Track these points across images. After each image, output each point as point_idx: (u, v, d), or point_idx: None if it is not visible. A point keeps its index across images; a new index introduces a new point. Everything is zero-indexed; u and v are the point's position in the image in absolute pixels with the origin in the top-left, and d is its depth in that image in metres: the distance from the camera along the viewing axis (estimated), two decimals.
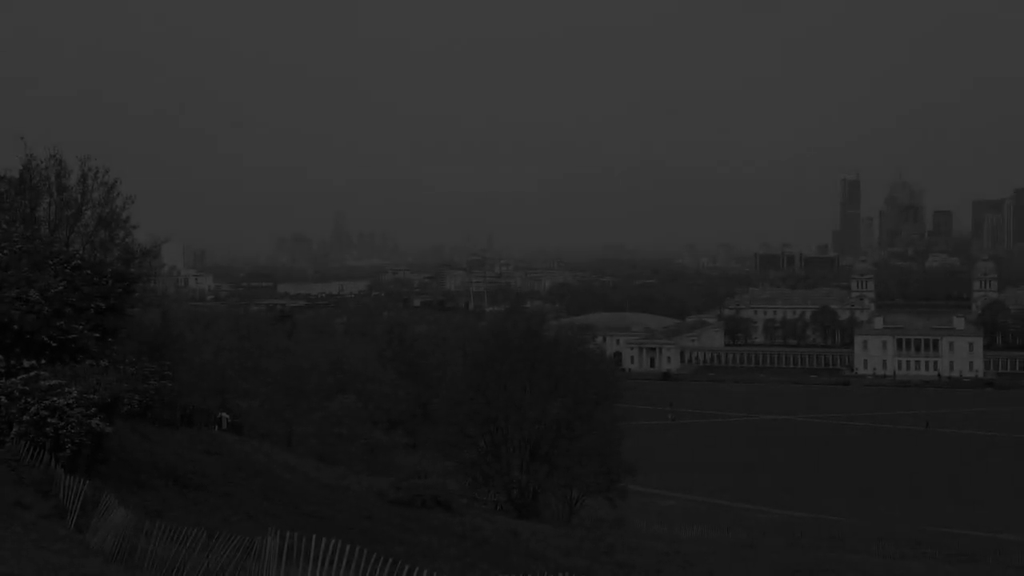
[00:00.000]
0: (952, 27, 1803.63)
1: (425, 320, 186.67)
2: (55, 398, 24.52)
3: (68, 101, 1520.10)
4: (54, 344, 27.69)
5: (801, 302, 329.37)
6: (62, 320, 28.06)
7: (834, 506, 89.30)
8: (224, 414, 48.29)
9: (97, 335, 28.94)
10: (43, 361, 26.72)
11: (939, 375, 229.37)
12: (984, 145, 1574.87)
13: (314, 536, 17.19)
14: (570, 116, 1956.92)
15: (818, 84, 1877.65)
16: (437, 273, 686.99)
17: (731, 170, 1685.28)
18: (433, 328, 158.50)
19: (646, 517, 64.38)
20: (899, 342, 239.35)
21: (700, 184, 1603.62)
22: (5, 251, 30.41)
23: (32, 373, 25.66)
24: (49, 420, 24.36)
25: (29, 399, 24.78)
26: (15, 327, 27.22)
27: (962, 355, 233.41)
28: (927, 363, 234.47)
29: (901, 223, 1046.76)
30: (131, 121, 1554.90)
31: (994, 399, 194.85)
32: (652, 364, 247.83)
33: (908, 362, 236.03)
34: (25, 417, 24.56)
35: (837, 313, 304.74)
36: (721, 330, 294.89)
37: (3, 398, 24.99)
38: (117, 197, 40.61)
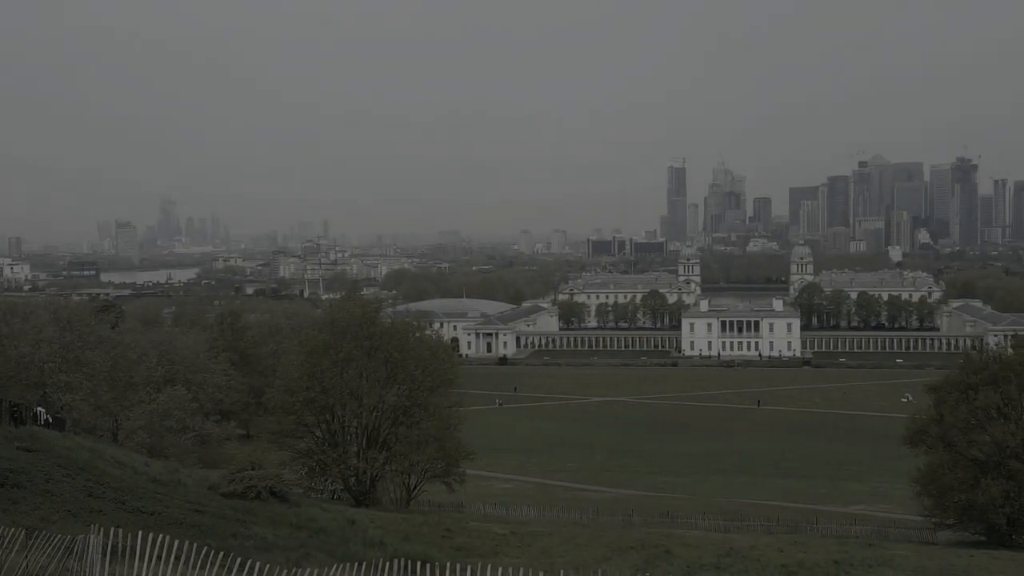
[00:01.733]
0: (770, 22, 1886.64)
1: (258, 308, 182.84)
2: None
3: None
4: None
5: (632, 286, 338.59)
6: None
7: (666, 484, 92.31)
8: (40, 408, 45.74)
9: None
10: None
11: (760, 355, 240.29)
12: (800, 134, 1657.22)
13: (140, 532, 16.55)
14: (425, 107, 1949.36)
15: (644, 75, 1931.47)
16: (271, 260, 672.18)
17: (565, 158, 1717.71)
18: (266, 316, 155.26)
19: (484, 501, 64.93)
20: (723, 324, 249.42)
21: (535, 171, 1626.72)
22: None
23: None
24: None
25: None
26: None
27: (781, 336, 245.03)
28: (749, 343, 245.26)
29: (724, 209, 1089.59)
30: None
31: (812, 377, 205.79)
32: (489, 349, 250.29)
33: (732, 343, 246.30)
34: None
35: (665, 297, 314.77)
36: (556, 315, 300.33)
37: None
38: None
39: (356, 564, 18.69)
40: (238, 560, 17.41)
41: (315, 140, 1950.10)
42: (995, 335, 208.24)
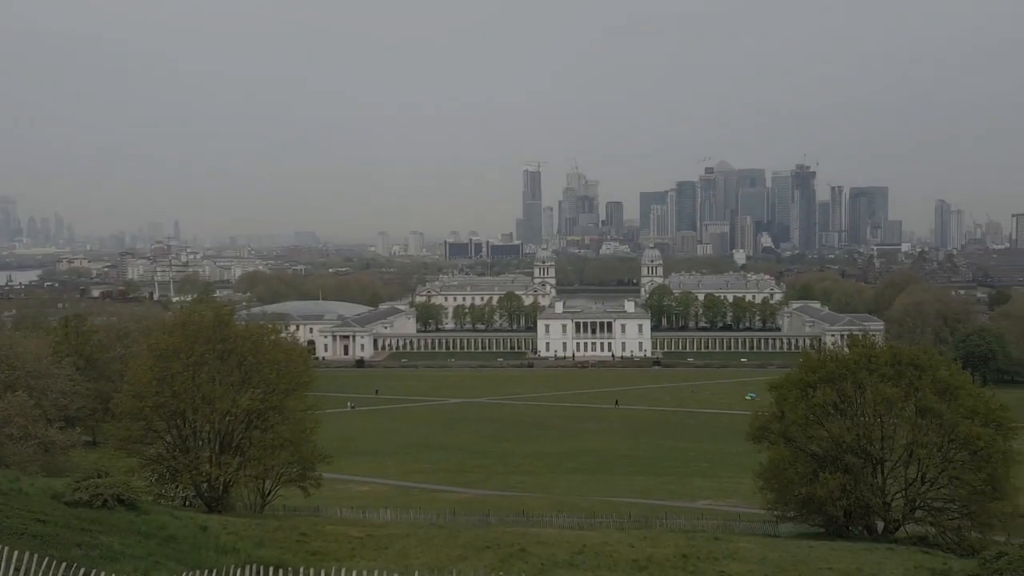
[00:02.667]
0: (625, 29, 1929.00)
1: (105, 311, 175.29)
2: None
3: None
4: None
5: (488, 288, 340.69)
6: None
7: (522, 483, 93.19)
8: None
9: None
10: None
11: (613, 356, 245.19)
12: (650, 140, 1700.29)
13: None
14: (281, 107, 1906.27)
15: (501, 78, 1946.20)
16: (118, 262, 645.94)
17: (423, 160, 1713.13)
18: (114, 319, 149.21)
19: (341, 504, 64.25)
20: (577, 325, 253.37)
21: (393, 174, 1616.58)
22: None
23: None
24: None
25: None
26: None
27: (633, 336, 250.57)
28: (602, 344, 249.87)
29: (578, 213, 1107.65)
30: None
31: (662, 376, 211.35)
32: (346, 352, 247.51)
33: (586, 344, 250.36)
34: None
35: (522, 298, 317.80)
36: (413, 317, 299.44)
37: None
38: None
39: (208, 571, 18.31)
40: (82, 571, 16.82)
41: (165, 140, 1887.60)
42: (832, 335, 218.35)
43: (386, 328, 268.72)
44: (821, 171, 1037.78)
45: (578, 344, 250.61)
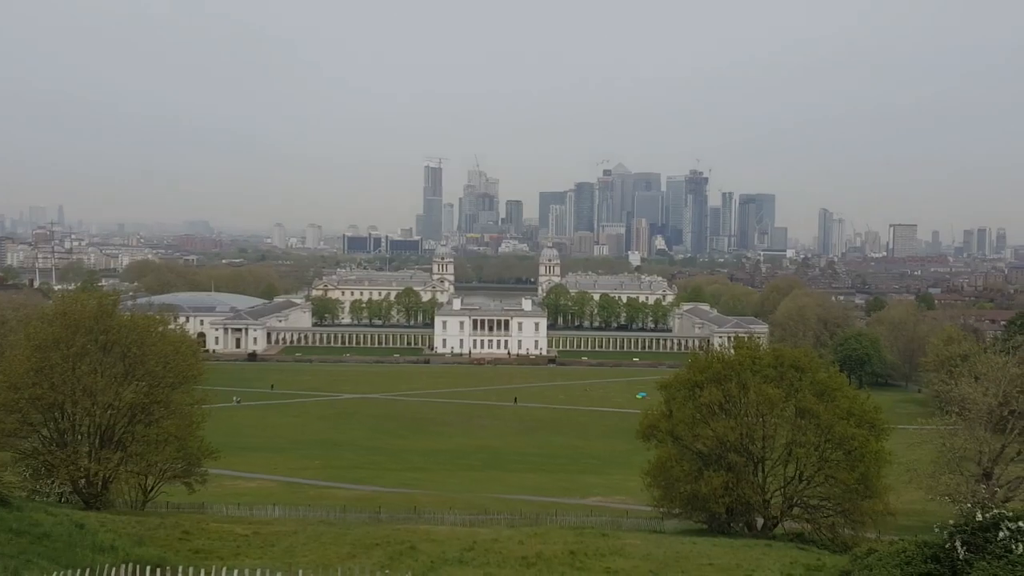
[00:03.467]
0: (527, 27, 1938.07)
1: None
2: None
3: None
4: None
5: (387, 284, 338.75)
6: None
7: (415, 480, 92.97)
8: None
9: None
10: None
11: (509, 353, 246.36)
12: (550, 140, 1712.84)
13: None
14: (156, 86, 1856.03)
15: (404, 74, 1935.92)
16: None
17: (323, 151, 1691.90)
18: None
19: (227, 501, 63.16)
20: (475, 322, 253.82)
21: (290, 164, 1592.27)
22: None
23: None
24: None
25: None
26: None
27: (529, 334, 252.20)
28: (499, 342, 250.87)
29: (478, 210, 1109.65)
30: None
31: (557, 374, 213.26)
32: (238, 345, 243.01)
33: (483, 341, 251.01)
34: None
35: (420, 294, 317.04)
36: (309, 310, 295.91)
37: None
38: None
39: (82, 570, 17.85)
40: None
41: (52, 120, 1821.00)
42: (720, 336, 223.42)
43: (280, 321, 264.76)
44: (714, 177, 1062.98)
45: (475, 341, 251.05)
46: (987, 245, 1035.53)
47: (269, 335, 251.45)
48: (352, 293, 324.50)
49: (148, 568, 20.01)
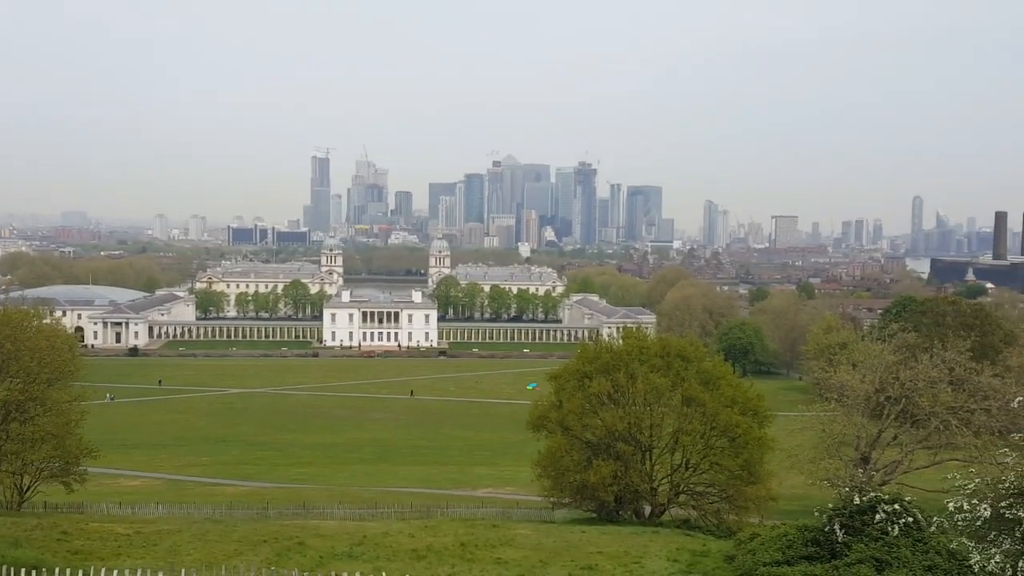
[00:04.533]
0: (419, 19, 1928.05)
1: None
2: None
3: None
4: None
5: (274, 276, 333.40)
6: None
7: (304, 475, 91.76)
8: None
9: None
10: None
11: (400, 345, 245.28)
12: (440, 131, 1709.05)
13: None
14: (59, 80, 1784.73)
15: (288, 64, 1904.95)
16: None
17: (206, 142, 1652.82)
18: None
19: (108, 500, 61.22)
20: (364, 314, 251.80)
21: (173, 153, 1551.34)
22: None
23: None
24: None
25: None
26: None
27: (419, 326, 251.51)
28: (389, 334, 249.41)
29: (367, 201, 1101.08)
30: None
31: (448, 366, 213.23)
32: (118, 339, 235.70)
33: (372, 333, 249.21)
34: None
35: (308, 287, 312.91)
36: (193, 304, 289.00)
37: None
38: None
39: None
40: None
41: None
42: (609, 327, 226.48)
43: (163, 315, 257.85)
44: (602, 169, 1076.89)
45: (365, 334, 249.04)
46: (864, 236, 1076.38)
47: (151, 329, 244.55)
48: (238, 286, 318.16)
49: (24, 570, 19.28)
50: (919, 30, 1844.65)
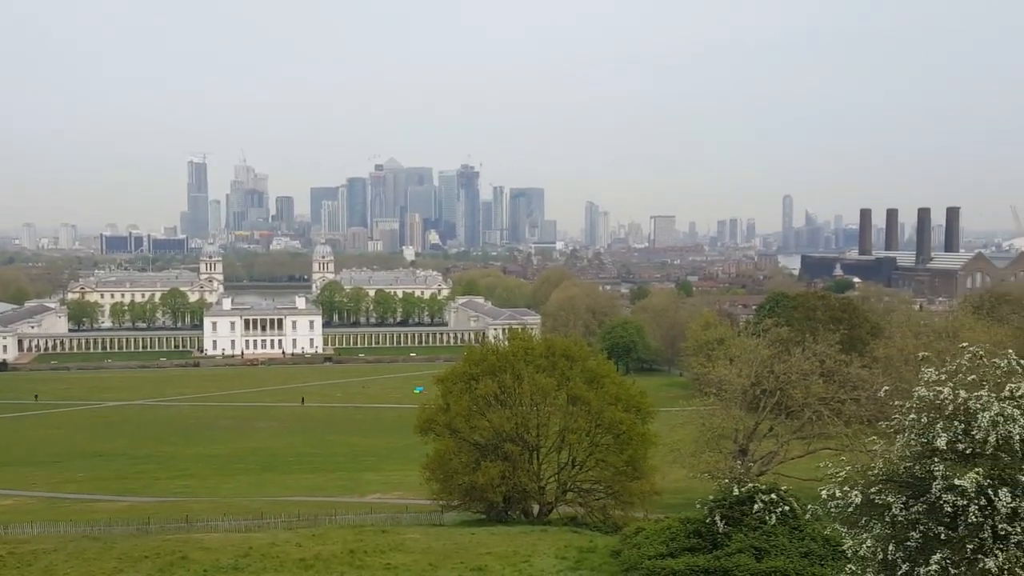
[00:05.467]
0: (302, 22, 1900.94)
1: None
2: None
3: None
4: None
5: (151, 285, 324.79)
6: None
7: (186, 488, 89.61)
8: None
9: None
10: None
11: (284, 353, 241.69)
12: (321, 135, 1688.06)
13: None
14: None
15: (161, 69, 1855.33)
16: None
17: (74, 145, 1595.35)
18: None
19: None
20: (247, 322, 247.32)
21: (39, 160, 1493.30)
22: None
23: None
24: None
25: None
26: None
27: (304, 333, 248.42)
28: (273, 341, 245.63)
29: (247, 207, 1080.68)
30: None
31: (333, 372, 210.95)
32: None
33: (255, 341, 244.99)
34: None
35: (187, 295, 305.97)
36: (64, 315, 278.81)
37: None
38: None
39: None
40: None
41: None
42: (495, 328, 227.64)
43: (33, 328, 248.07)
44: (485, 171, 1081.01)
45: (247, 342, 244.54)
46: (739, 234, 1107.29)
47: (20, 343, 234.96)
48: (113, 295, 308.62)
49: None
50: (791, 30, 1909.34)
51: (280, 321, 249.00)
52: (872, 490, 20.52)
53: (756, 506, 34.22)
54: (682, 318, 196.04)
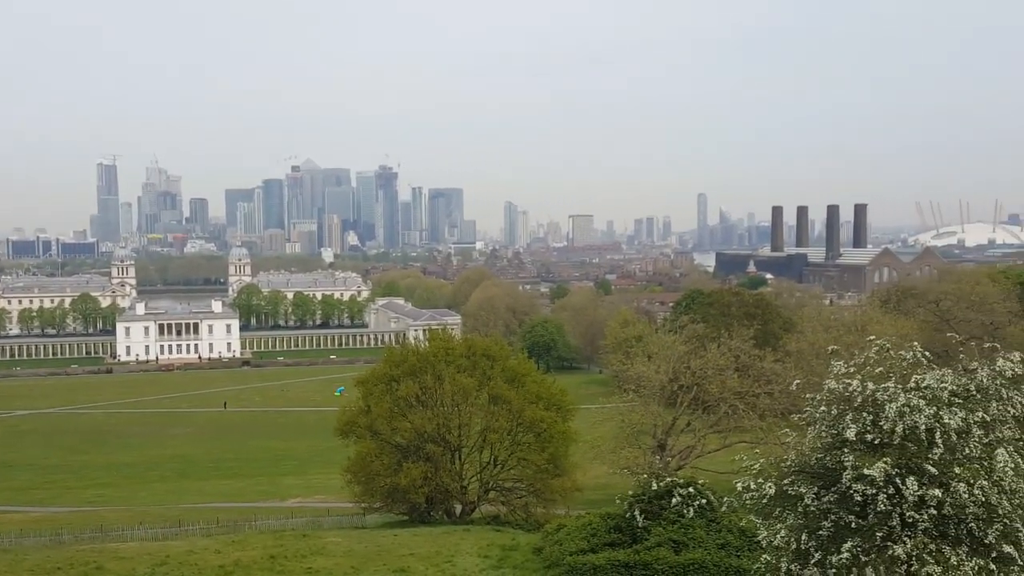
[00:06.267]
0: (213, 21, 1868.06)
1: None
2: None
3: None
4: None
5: (60, 290, 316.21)
6: None
7: (100, 497, 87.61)
8: None
9: None
10: None
11: (200, 357, 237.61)
12: (235, 136, 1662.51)
13: None
14: None
15: (68, 68, 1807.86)
16: None
17: None
18: None
19: None
20: (161, 327, 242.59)
21: None
22: None
23: None
24: None
25: None
26: None
27: (221, 337, 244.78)
28: (189, 346, 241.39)
29: (160, 209, 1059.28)
30: None
31: (252, 376, 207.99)
32: None
33: (171, 346, 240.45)
34: None
35: (99, 300, 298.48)
36: None
37: None
38: None
39: None
40: None
41: None
42: (415, 329, 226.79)
43: None
44: (403, 172, 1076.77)
45: (162, 347, 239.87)
46: (655, 233, 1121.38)
47: None
48: (20, 302, 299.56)
49: None
50: (704, 31, 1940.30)
51: (196, 325, 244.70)
52: (785, 481, 20.93)
53: (674, 500, 34.79)
54: (601, 316, 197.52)
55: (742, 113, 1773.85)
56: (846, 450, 19.97)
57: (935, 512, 18.91)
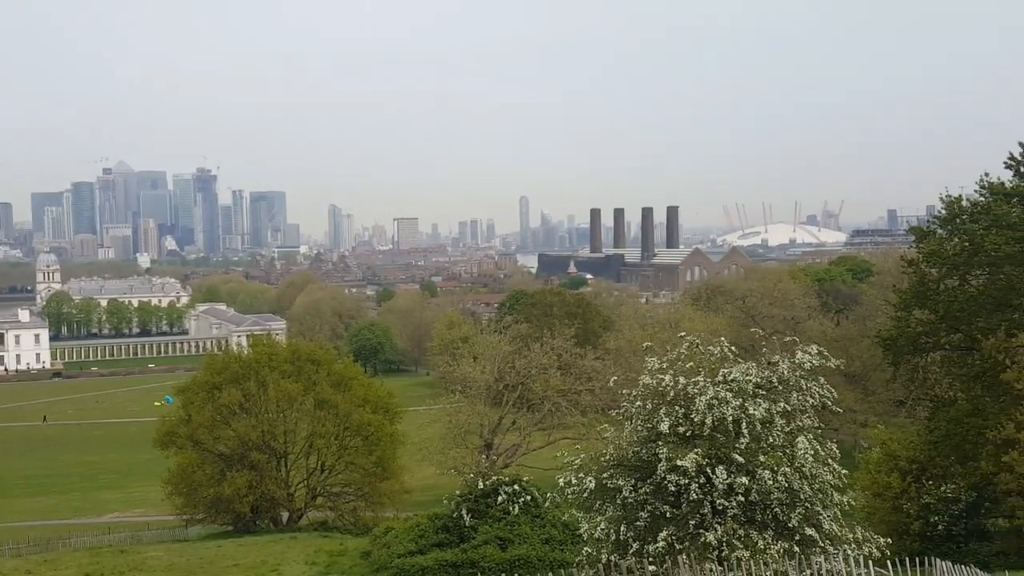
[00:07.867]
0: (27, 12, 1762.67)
1: None
2: None
3: None
4: None
5: None
6: None
7: None
8: None
9: None
10: None
11: (7, 369, 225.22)
12: (43, 137, 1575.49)
13: None
14: None
15: None
16: None
17: None
18: None
19: None
20: None
21: None
22: None
23: None
24: None
25: None
26: None
27: (28, 348, 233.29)
28: None
29: None
30: None
31: (64, 388, 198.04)
32: None
33: None
34: None
35: None
36: None
37: None
38: None
39: None
40: None
41: None
42: (238, 335, 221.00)
43: None
44: (223, 175, 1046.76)
45: None
46: (479, 235, 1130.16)
47: None
48: None
49: None
50: (539, 32, 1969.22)
51: (1, 336, 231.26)
52: (604, 475, 21.78)
53: (500, 498, 35.52)
54: (427, 318, 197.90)
55: (559, 118, 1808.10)
56: (660, 443, 20.93)
57: (743, 499, 20.05)
